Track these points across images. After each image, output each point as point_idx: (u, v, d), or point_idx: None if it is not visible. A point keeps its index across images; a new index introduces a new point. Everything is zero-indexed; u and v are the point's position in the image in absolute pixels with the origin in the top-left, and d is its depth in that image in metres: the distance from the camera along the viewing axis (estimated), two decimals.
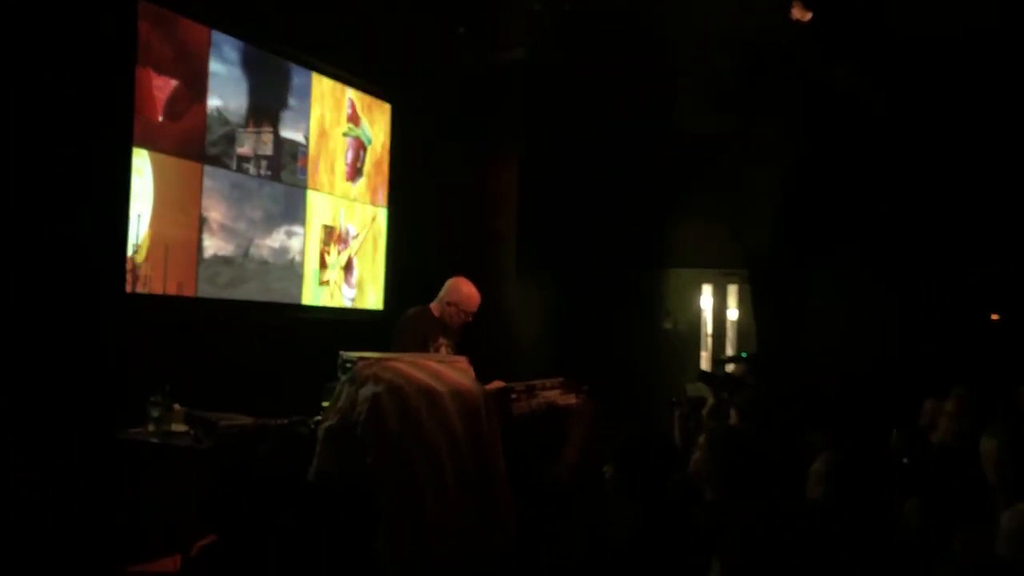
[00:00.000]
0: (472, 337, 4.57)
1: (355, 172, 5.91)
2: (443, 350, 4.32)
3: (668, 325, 6.87)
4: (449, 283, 4.41)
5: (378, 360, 2.95)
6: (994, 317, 5.77)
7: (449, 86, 6.22)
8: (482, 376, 3.90)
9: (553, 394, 4.00)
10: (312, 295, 5.53)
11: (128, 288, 4.19)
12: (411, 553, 2.74)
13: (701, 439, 2.60)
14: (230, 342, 4.75)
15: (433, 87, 6.17)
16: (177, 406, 3.38)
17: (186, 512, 3.22)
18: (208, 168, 4.71)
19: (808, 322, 5.87)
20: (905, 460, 3.10)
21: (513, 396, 3.65)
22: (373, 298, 6.05)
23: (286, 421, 3.13)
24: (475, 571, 2.91)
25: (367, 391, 2.81)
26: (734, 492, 2.41)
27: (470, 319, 4.41)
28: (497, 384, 4.16)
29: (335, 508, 2.84)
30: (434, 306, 4.41)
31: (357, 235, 5.93)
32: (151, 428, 3.32)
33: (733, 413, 3.46)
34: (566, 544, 3.26)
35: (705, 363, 6.71)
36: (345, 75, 5.69)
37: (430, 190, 6.17)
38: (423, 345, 4.22)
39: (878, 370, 5.16)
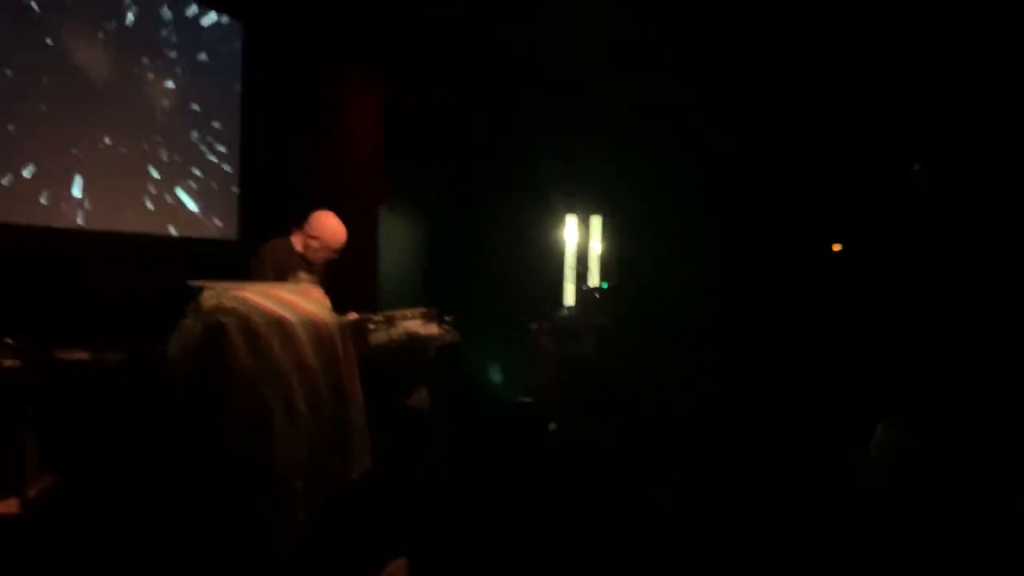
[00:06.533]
0: (336, 270, 4.48)
1: None
2: (304, 283, 4.20)
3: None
4: (313, 216, 4.25)
5: (225, 289, 2.83)
6: (836, 247, 6.14)
7: (308, 6, 5.95)
8: (345, 309, 3.84)
9: (414, 324, 3.99)
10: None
11: None
12: (261, 483, 2.69)
13: (551, 363, 2.66)
14: (73, 274, 4.50)
15: (289, 7, 5.89)
16: (8, 340, 3.17)
17: (22, 452, 3.05)
18: None
19: (659, 257, 6.07)
20: None
21: (371, 326, 3.62)
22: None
23: (126, 354, 2.98)
24: (330, 498, 2.89)
25: (212, 321, 2.70)
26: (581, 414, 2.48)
27: (335, 256, 4.29)
28: (354, 315, 4.12)
29: (182, 442, 2.74)
30: (295, 238, 4.27)
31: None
32: None
33: (588, 340, 3.55)
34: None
35: (569, 294, 6.86)
36: None
37: (291, 118, 5.94)
38: (281, 277, 4.08)
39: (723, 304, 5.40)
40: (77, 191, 4.90)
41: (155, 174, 5.35)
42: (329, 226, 4.20)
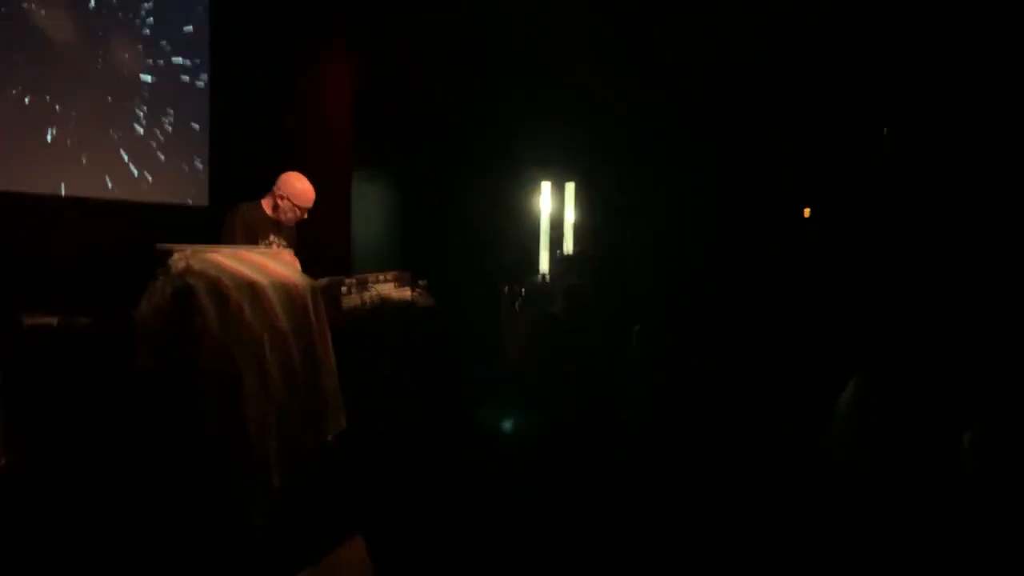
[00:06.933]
0: (309, 234, 4.46)
1: None
2: (275, 247, 4.18)
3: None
4: (282, 177, 4.24)
5: (194, 252, 2.81)
6: (806, 212, 6.19)
7: None
8: (318, 273, 3.82)
9: (387, 288, 3.98)
10: None
11: None
12: (234, 446, 2.69)
13: (521, 325, 2.67)
14: (40, 239, 4.45)
15: None
16: None
17: None
18: None
19: (633, 224, 6.10)
20: None
21: (343, 289, 3.60)
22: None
23: (94, 319, 2.95)
24: (301, 460, 2.90)
25: (181, 284, 2.69)
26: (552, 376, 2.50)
27: (304, 215, 4.28)
28: (327, 277, 4.10)
29: (153, 405, 2.73)
30: (265, 201, 4.25)
31: None
32: None
33: (560, 302, 3.57)
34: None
35: (544, 261, 6.87)
36: None
37: (262, 84, 5.86)
38: (252, 241, 4.06)
39: (695, 269, 5.45)
40: (43, 155, 4.84)
41: (124, 139, 5.28)
42: (297, 185, 4.19)
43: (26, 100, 4.76)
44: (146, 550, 2.55)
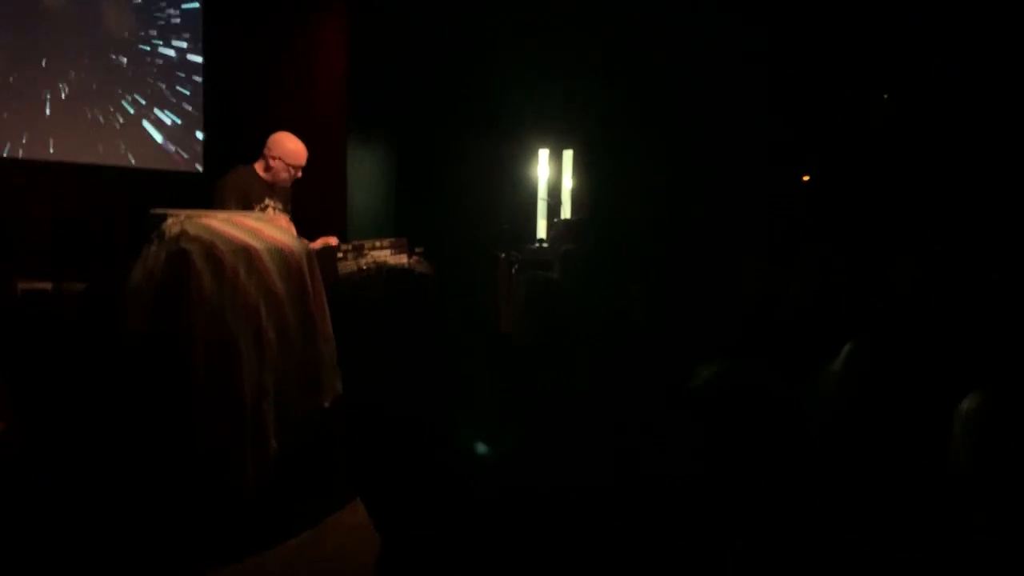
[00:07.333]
0: (305, 201, 4.43)
1: None
2: (270, 212, 4.15)
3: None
4: (272, 137, 4.20)
5: (188, 217, 2.78)
6: (805, 178, 6.16)
7: None
8: (315, 238, 3.81)
9: (383, 254, 3.97)
10: None
11: None
12: (230, 410, 2.69)
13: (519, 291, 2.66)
14: (33, 205, 4.42)
15: None
16: None
17: None
18: None
19: (631, 190, 6.06)
20: None
21: (340, 255, 3.59)
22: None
23: (88, 284, 2.94)
24: (298, 424, 2.90)
25: (176, 248, 2.67)
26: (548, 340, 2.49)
27: (298, 175, 4.24)
28: (323, 241, 4.09)
29: (148, 369, 2.73)
30: (258, 164, 4.21)
31: None
32: None
33: (556, 267, 3.55)
34: None
35: (541, 228, 6.84)
36: None
37: (255, 46, 5.79)
38: (246, 205, 4.03)
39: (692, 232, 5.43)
40: (38, 121, 4.80)
41: (118, 105, 5.23)
42: (288, 145, 4.15)
43: (20, 66, 4.70)
44: (141, 512, 2.55)
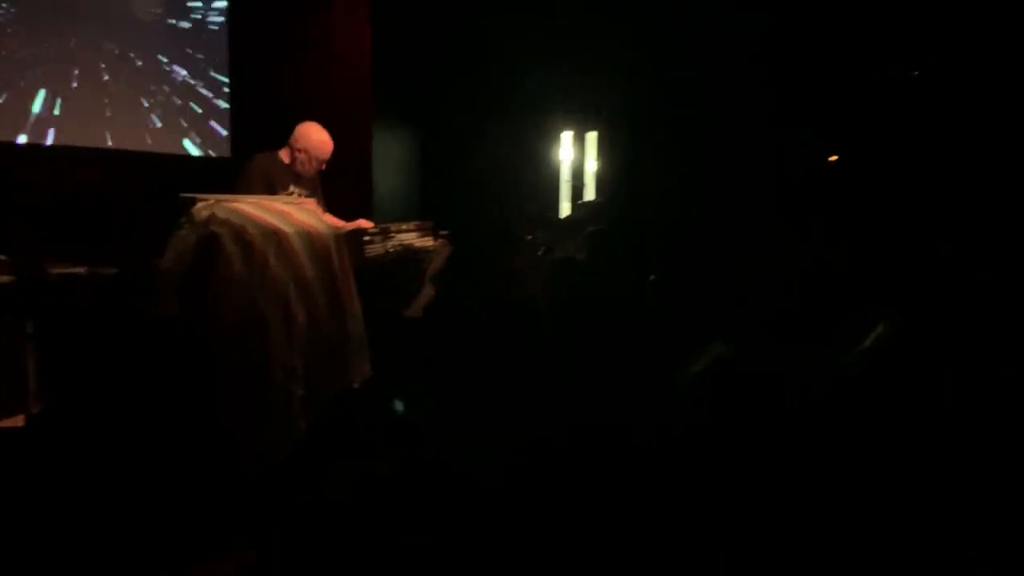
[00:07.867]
0: (331, 185, 4.45)
1: None
2: (296, 197, 4.18)
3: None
4: (299, 128, 4.22)
5: (217, 201, 2.81)
6: (832, 158, 6.08)
7: None
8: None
9: (409, 236, 3.98)
10: None
11: None
12: (259, 392, 2.73)
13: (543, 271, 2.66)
14: (65, 190, 4.49)
15: None
16: (2, 256, 3.16)
17: (24, 368, 3.07)
18: None
19: (654, 170, 6.02)
20: None
21: (366, 238, 3.61)
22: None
23: (120, 268, 2.98)
24: (327, 406, 2.94)
25: (206, 232, 2.70)
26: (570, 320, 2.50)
27: (323, 167, 4.27)
28: (351, 224, 4.11)
29: (179, 352, 2.77)
30: (283, 152, 4.23)
31: None
32: None
33: (580, 249, 3.54)
34: None
35: (565, 210, 6.83)
36: None
37: (281, 32, 5.82)
38: (270, 190, 4.04)
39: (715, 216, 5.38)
40: (56, 110, 4.87)
41: (145, 91, 5.28)
42: (314, 138, 4.17)
43: (46, 51, 4.76)
44: (169, 490, 2.60)
